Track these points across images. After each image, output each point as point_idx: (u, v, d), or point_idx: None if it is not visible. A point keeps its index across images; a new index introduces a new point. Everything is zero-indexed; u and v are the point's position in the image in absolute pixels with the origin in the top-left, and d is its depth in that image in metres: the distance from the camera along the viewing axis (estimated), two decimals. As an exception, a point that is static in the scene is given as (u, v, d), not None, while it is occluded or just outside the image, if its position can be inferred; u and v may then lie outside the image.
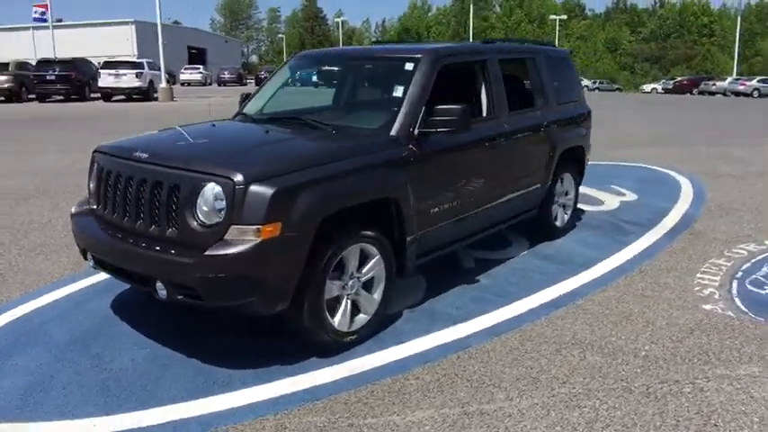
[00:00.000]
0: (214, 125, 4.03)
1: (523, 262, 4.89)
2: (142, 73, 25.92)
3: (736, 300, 4.12)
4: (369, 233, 3.40)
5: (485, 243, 5.25)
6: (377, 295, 3.56)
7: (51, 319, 3.81)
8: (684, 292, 4.25)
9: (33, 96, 25.90)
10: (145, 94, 26.12)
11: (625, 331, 3.65)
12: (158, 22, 25.70)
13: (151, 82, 26.60)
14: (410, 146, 3.63)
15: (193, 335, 3.59)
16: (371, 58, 4.27)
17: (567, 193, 5.63)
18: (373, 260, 3.48)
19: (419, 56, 3.96)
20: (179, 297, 3.02)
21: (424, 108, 3.72)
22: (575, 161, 5.65)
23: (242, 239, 2.89)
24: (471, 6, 52.40)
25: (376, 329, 3.57)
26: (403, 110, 3.71)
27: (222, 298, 2.97)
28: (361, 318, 3.50)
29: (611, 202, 7.04)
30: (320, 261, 3.12)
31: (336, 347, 3.34)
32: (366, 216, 3.45)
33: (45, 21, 40.67)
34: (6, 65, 25.21)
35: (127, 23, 56.39)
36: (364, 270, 3.45)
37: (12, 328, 3.68)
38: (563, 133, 5.28)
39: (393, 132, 3.62)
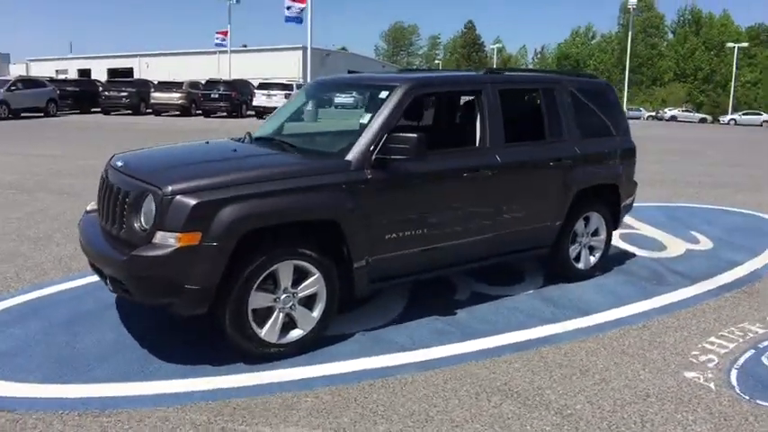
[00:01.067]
0: (207, 143, 4.44)
1: (520, 301, 4.66)
2: (290, 94, 28.16)
3: (733, 372, 3.58)
4: (306, 252, 3.55)
5: (491, 276, 5.14)
6: (316, 313, 3.68)
7: (62, 301, 4.44)
8: (676, 356, 3.78)
9: (200, 112, 29.31)
10: (292, 113, 28.30)
11: (568, 386, 3.36)
12: (308, 46, 27.78)
13: (300, 102, 28.74)
14: (364, 171, 3.72)
15: (167, 329, 3.97)
16: (359, 86, 4.41)
17: (596, 234, 5.24)
18: (312, 278, 3.61)
19: (395, 84, 4.04)
20: (119, 291, 3.41)
21: (386, 135, 3.80)
22: (605, 200, 5.25)
23: (163, 244, 3.21)
24: (630, 33, 49.25)
25: (311, 346, 3.68)
26: (363, 136, 3.82)
27: (146, 295, 3.32)
28: (296, 333, 3.63)
29: (675, 248, 6.37)
30: (244, 272, 3.34)
31: (263, 356, 3.52)
32: (305, 235, 3.61)
33: (224, 46, 45.96)
34: (181, 84, 28.91)
35: (297, 49, 61.40)
36: (301, 287, 3.60)
37: (27, 306, 4.36)
38: (586, 169, 4.95)
39: (348, 157, 3.73)
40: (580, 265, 5.18)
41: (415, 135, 3.73)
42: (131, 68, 62.16)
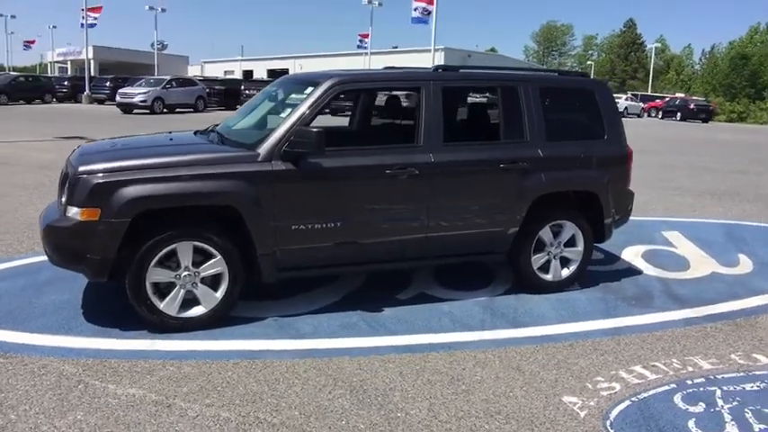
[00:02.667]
0: (170, 135, 4.86)
1: (459, 307, 4.50)
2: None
3: (622, 405, 3.19)
4: (207, 235, 3.81)
5: (453, 277, 5.02)
6: (219, 293, 3.93)
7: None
8: (572, 379, 3.45)
9: (328, 111, 30.78)
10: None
11: (424, 392, 3.25)
12: (432, 48, 28.02)
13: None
14: (271, 163, 3.89)
15: (115, 297, 4.45)
16: (302, 83, 4.53)
17: (571, 245, 4.87)
18: (213, 260, 3.87)
19: (319, 80, 4.15)
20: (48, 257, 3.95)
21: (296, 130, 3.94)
22: (580, 209, 4.86)
23: (70, 217, 3.67)
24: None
25: (213, 324, 3.93)
26: (277, 130, 3.99)
27: (60, 260, 3.81)
28: (198, 310, 3.92)
29: (700, 269, 5.66)
30: (141, 248, 3.69)
31: (164, 327, 3.84)
32: (208, 219, 3.87)
33: (365, 48, 47.81)
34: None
35: (439, 50, 61.90)
36: (203, 267, 3.87)
37: (26, 267, 5.12)
38: (551, 173, 4.63)
39: (259, 149, 3.93)
40: (547, 277, 4.85)
41: (314, 130, 3.83)
42: (287, 69, 66.94)
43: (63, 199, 3.86)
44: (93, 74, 43.70)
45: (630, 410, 3.14)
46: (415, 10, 27.60)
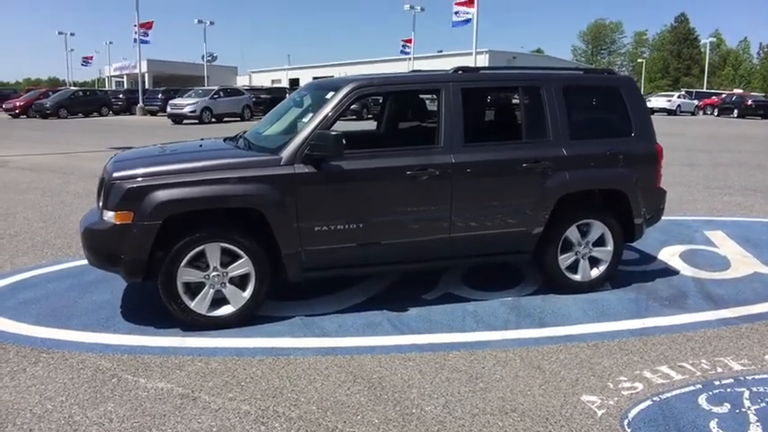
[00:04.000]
0: (201, 142, 5.05)
1: (485, 307, 4.50)
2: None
3: (642, 405, 3.14)
4: (234, 236, 3.96)
5: (480, 278, 5.03)
6: (246, 293, 4.07)
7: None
8: (593, 378, 3.41)
9: (371, 116, 31.08)
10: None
11: (442, 389, 3.28)
12: (474, 50, 27.91)
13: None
14: (293, 166, 4.01)
15: (153, 299, 4.66)
16: (324, 88, 4.63)
17: (600, 244, 4.80)
18: (241, 260, 4.01)
19: (339, 85, 4.25)
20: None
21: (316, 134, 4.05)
22: (609, 208, 4.78)
23: (106, 221, 3.89)
24: None
25: (242, 322, 4.07)
26: (299, 134, 4.11)
27: (97, 262, 4.03)
28: (227, 308, 4.06)
29: (741, 270, 5.46)
30: (171, 249, 3.86)
31: (195, 325, 4.01)
32: (235, 221, 4.02)
33: (408, 53, 48.02)
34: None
35: (482, 53, 61.44)
36: (230, 267, 4.02)
37: (74, 268, 5.42)
38: (576, 172, 4.58)
39: (281, 153, 4.05)
40: (576, 277, 4.79)
41: (332, 133, 3.93)
42: (332, 76, 67.82)
43: (100, 203, 4.08)
44: (147, 87, 45.57)
45: (650, 410, 3.08)
46: (456, 14, 27.58)
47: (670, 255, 5.94)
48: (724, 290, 4.94)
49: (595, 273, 4.86)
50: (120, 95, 39.78)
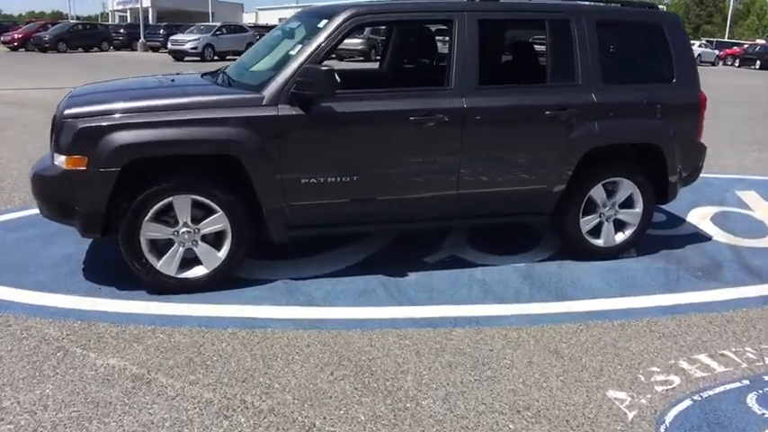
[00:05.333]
0: (174, 77, 4.37)
1: (495, 273, 3.96)
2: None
3: (681, 405, 2.64)
4: (206, 188, 3.40)
5: (491, 239, 4.49)
6: (222, 253, 3.54)
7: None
8: (621, 368, 2.90)
9: (379, 57, 29.98)
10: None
11: (442, 377, 2.79)
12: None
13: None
14: (277, 107, 3.40)
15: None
16: (318, 15, 3.95)
17: (628, 206, 4.22)
18: (214, 216, 3.47)
19: (334, 12, 3.57)
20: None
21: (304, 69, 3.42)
22: (643, 164, 4.18)
23: (57, 166, 3.32)
24: None
25: (216, 285, 3.56)
26: (283, 70, 3.48)
27: (49, 213, 3.49)
28: (199, 270, 3.55)
29: (783, 238, 4.90)
30: (133, 201, 3.31)
31: (162, 288, 3.50)
32: (207, 170, 3.46)
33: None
34: (362, 31, 29.71)
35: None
36: (203, 223, 3.47)
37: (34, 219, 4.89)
38: (607, 122, 3.94)
39: (264, 92, 3.43)
40: (598, 242, 4.23)
41: (323, 68, 3.30)
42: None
43: (52, 146, 3.51)
44: (151, 22, 43.99)
45: (691, 413, 2.58)
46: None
47: (700, 217, 5.35)
48: (764, 260, 4.38)
49: (620, 238, 4.30)
50: (121, 30, 38.39)
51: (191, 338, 3.05)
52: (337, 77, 3.53)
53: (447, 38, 3.74)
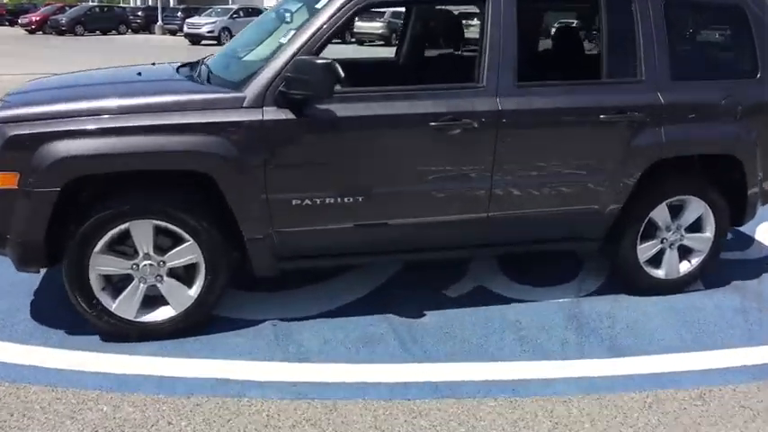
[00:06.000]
0: (142, 68, 3.62)
1: (534, 314, 3.20)
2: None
3: None
4: (172, 211, 2.70)
5: (527, 265, 3.72)
6: (193, 290, 2.85)
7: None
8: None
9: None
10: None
11: None
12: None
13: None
14: (261, 110, 2.68)
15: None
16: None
17: (695, 229, 3.44)
18: (184, 246, 2.77)
19: (337, -11, 2.82)
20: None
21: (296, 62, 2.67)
22: (717, 179, 3.39)
23: (-18, 184, 2.64)
24: None
25: (187, 330, 2.87)
26: (270, 63, 2.74)
27: (-24, 241, 2.81)
28: (165, 312, 2.86)
29: None
30: (80, 228, 2.63)
31: (119, 334, 2.82)
32: (173, 189, 2.75)
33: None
34: (383, 14, 28.70)
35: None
36: (170, 255, 2.78)
37: None
38: (676, 128, 3.15)
39: (245, 90, 2.71)
40: (659, 273, 3.46)
41: (320, 62, 2.56)
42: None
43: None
44: (171, 4, 43.41)
45: None
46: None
47: (771, 235, 4.54)
48: None
49: (685, 267, 3.52)
50: (139, 13, 37.85)
51: (142, 413, 2.36)
52: (340, 71, 2.82)
53: (478, 22, 2.97)
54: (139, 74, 3.25)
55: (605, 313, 3.26)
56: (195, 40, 26.43)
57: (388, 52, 4.60)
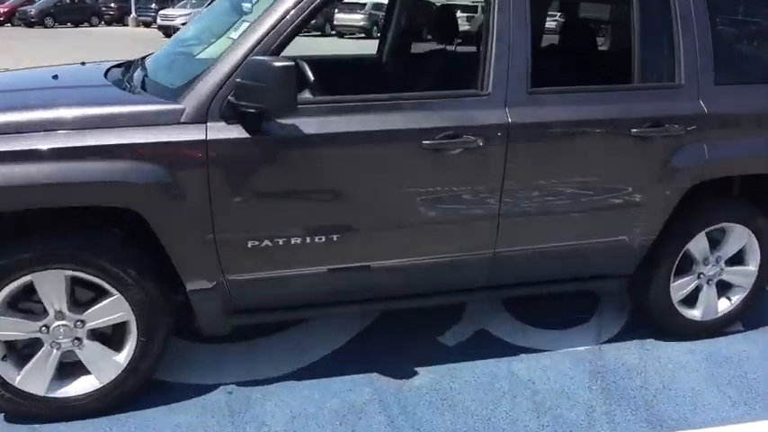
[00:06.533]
0: (61, 70, 2.94)
1: (546, 366, 2.66)
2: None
3: None
4: (93, 258, 2.07)
5: (537, 302, 3.14)
6: (122, 356, 2.23)
7: None
8: None
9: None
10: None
11: None
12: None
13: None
14: (205, 126, 2.06)
15: None
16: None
17: (737, 261, 2.90)
18: (107, 302, 2.15)
19: (301, -30, 2.21)
20: None
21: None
22: (756, 201, 2.84)
23: None
24: None
25: (111, 405, 2.26)
26: (218, 64, 2.12)
27: None
28: (86, 383, 2.23)
29: None
30: (-32, 282, 2.00)
31: (25, 414, 2.20)
32: (95, 228, 2.13)
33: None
34: (363, 5, 27.97)
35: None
36: (90, 312, 2.15)
37: None
38: (723, 143, 2.59)
39: (182, 101, 2.09)
40: (694, 313, 2.90)
41: (278, 64, 1.93)
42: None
43: None
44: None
45: None
46: None
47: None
48: None
49: (724, 306, 2.97)
50: (112, 4, 36.69)
51: None
52: (309, 74, 2.21)
53: (482, 15, 2.38)
54: (55, 77, 2.59)
55: (634, 367, 2.70)
56: (169, 32, 25.44)
57: (371, 46, 4.06)
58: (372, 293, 2.47)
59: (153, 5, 32.54)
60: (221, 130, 2.06)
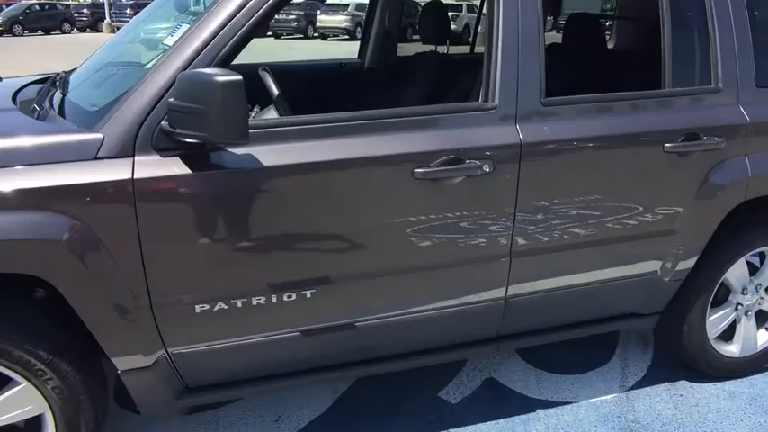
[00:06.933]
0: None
1: (566, 424, 2.24)
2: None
3: None
4: (-12, 338, 1.60)
5: (549, 345, 2.70)
6: (41, 457, 1.76)
7: None
8: None
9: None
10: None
11: None
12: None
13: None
14: (132, 161, 1.59)
15: None
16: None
17: (781, 290, 2.50)
18: (11, 393, 1.67)
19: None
20: None
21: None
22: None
23: None
24: None
25: None
26: (147, 80, 1.65)
27: None
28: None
29: None
30: None
31: None
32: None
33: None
34: (346, 6, 27.48)
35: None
36: (-7, 405, 1.69)
37: None
38: (766, 155, 2.20)
39: (100, 129, 1.62)
40: (732, 349, 2.50)
41: (221, 78, 1.46)
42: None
43: None
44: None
45: None
46: None
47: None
48: None
49: (765, 339, 2.58)
50: (84, 10, 35.86)
51: None
52: (274, 87, 1.75)
53: (484, 12, 1.94)
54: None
55: (671, 421, 2.28)
56: (144, 37, 24.86)
57: (354, 47, 3.62)
58: (356, 356, 2.01)
59: (128, 11, 31.78)
60: (153, 166, 1.59)
